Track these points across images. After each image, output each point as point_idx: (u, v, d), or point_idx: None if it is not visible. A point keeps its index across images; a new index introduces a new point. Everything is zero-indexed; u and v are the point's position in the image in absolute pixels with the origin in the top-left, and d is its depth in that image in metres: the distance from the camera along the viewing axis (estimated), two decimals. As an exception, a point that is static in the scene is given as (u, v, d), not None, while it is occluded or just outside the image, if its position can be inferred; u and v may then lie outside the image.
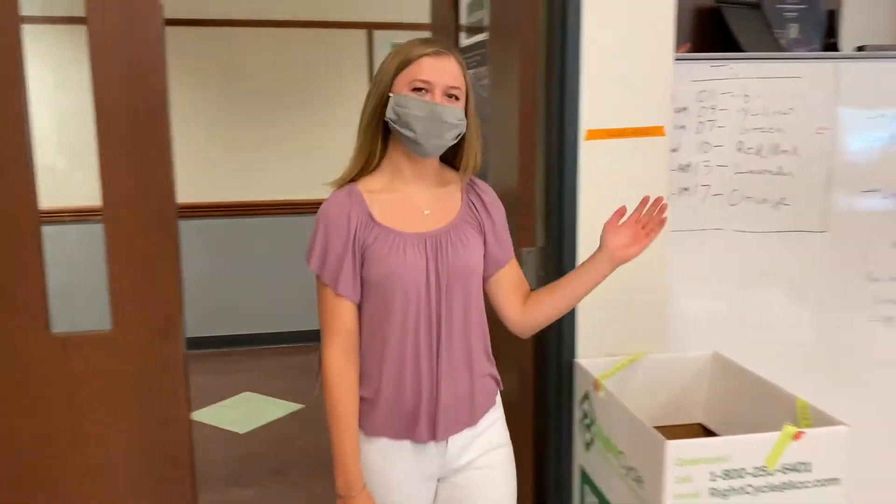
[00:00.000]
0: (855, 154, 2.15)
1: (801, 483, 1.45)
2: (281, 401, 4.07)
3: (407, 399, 1.42)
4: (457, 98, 1.40)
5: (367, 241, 1.40)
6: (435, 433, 1.42)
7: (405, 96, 1.38)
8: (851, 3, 2.85)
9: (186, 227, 2.06)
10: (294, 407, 3.98)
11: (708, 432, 1.88)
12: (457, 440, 1.47)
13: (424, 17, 3.44)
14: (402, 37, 5.03)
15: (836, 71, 2.11)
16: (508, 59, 1.94)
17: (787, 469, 1.44)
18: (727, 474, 1.41)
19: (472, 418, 1.48)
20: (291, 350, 4.99)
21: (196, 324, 3.94)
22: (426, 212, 1.45)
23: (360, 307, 1.43)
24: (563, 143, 1.77)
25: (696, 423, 1.93)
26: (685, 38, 2.50)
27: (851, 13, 2.86)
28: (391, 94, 1.40)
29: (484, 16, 2.18)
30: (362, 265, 1.40)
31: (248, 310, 5.05)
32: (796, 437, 1.43)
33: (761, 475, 1.43)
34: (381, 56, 5.01)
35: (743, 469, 1.42)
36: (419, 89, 1.38)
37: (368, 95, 1.44)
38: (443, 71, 1.38)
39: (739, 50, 2.39)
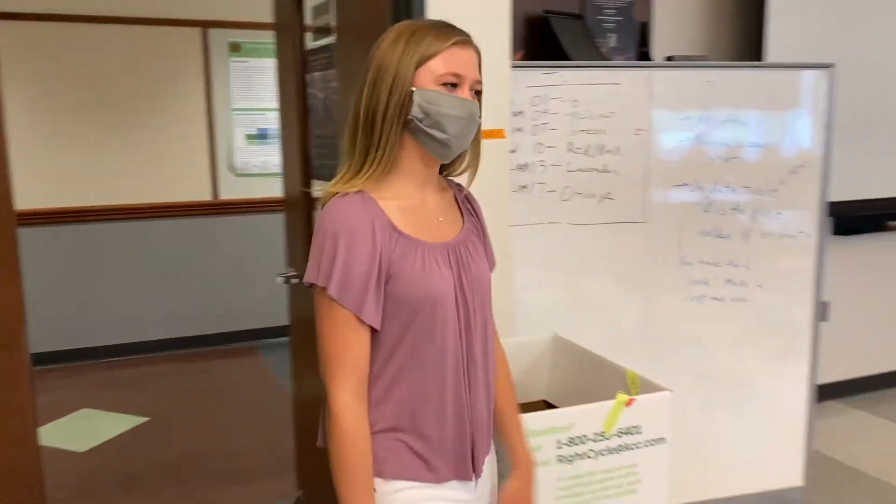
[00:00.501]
0: (667, 152, 2.42)
1: (633, 444, 1.63)
2: (122, 415, 3.89)
3: (454, 433, 1.25)
4: (478, 93, 1.26)
5: (394, 256, 1.19)
6: (475, 467, 1.29)
7: (436, 93, 1.20)
8: (661, 17, 3.18)
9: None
10: (137, 420, 3.82)
11: (551, 407, 2.05)
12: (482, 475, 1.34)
13: (263, 16, 3.42)
14: (240, 36, 4.99)
15: (650, 78, 2.36)
16: (357, 63, 2.01)
17: (621, 433, 1.62)
18: (572, 441, 1.57)
19: (489, 447, 1.36)
20: (127, 363, 4.76)
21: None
22: (440, 219, 1.29)
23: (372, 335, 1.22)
24: (412, 144, 1.86)
25: (539, 400, 2.09)
26: (518, 46, 2.69)
27: (661, 25, 3.19)
28: (413, 89, 1.19)
29: (330, 19, 2.23)
30: (386, 284, 1.19)
31: (77, 323, 4.76)
32: (628, 403, 1.61)
33: (600, 440, 1.60)
34: (218, 55, 4.92)
35: (584, 436, 1.58)
36: (449, 84, 1.21)
37: (379, 88, 1.20)
38: (470, 63, 1.23)
39: (566, 57, 2.61)
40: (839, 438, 3.44)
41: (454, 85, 1.21)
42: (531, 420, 1.54)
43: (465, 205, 1.37)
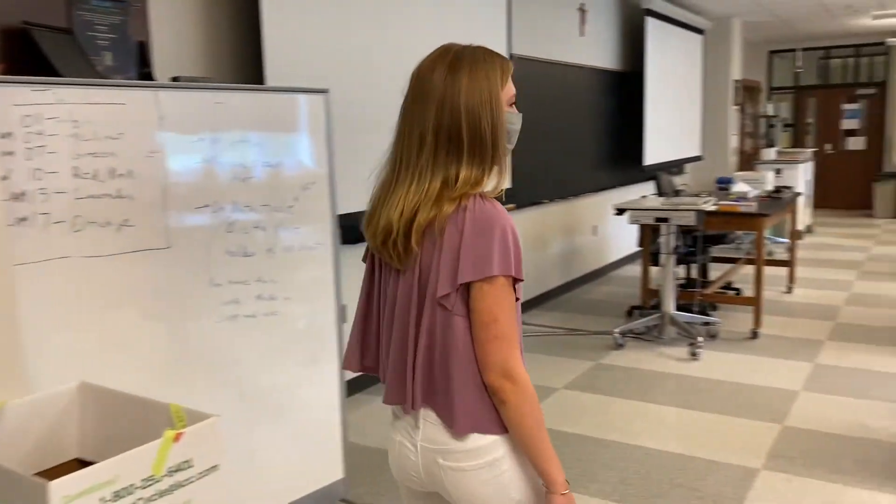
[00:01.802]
0: (184, 174, 2.37)
1: (186, 480, 1.55)
2: None
3: None
4: None
5: None
6: None
7: (514, 113, 1.45)
8: (159, 37, 3.10)
9: None
10: None
11: (87, 465, 1.83)
12: None
13: None
14: None
15: (157, 98, 2.28)
16: None
17: (172, 471, 1.52)
18: (117, 495, 1.42)
19: None
20: None
21: None
22: None
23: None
24: None
25: (72, 460, 1.85)
26: (-4, 58, 2.34)
27: (160, 46, 3.11)
28: (506, 110, 1.43)
29: None
30: None
31: None
32: (176, 439, 1.52)
33: (150, 485, 1.48)
34: None
35: (132, 485, 1.44)
36: (512, 104, 1.45)
37: (482, 109, 1.37)
38: None
39: (57, 74, 2.36)
40: (368, 427, 3.82)
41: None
42: (67, 484, 1.35)
43: None
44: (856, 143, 11.92)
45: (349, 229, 3.93)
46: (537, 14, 5.96)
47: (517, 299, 1.39)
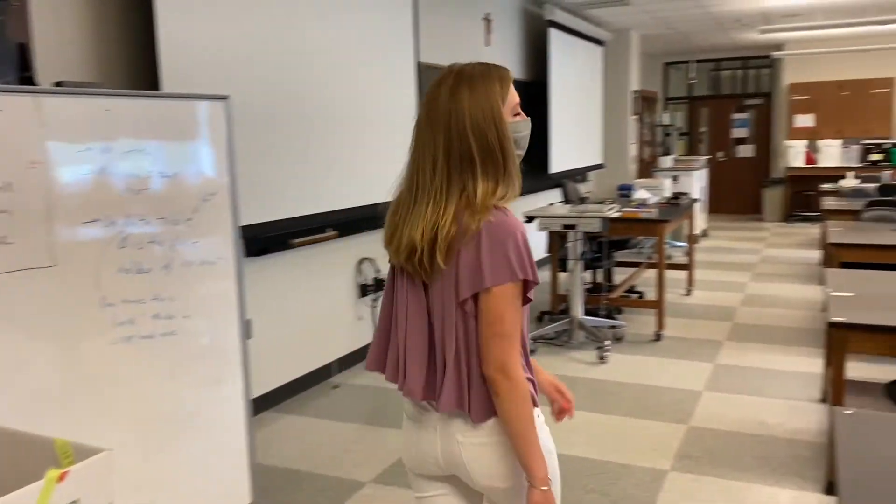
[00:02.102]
0: (71, 186, 2.20)
1: (74, 523, 1.42)
2: None
3: None
4: None
5: None
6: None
7: (519, 122, 1.55)
8: (41, 39, 2.89)
9: None
10: None
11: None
12: None
13: None
14: None
15: (38, 105, 2.11)
16: None
17: (57, 514, 1.39)
18: (-7, 546, 1.28)
19: None
20: None
21: None
22: None
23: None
24: None
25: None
26: None
27: (43, 48, 2.90)
28: (509, 122, 1.51)
29: None
30: None
31: None
32: (61, 478, 1.39)
33: (31, 531, 1.34)
34: None
35: (10, 533, 1.30)
36: (517, 113, 1.54)
37: (487, 125, 1.48)
38: None
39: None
40: (276, 446, 3.68)
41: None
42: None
43: None
44: (745, 151, 12.54)
45: (253, 241, 3.80)
46: (443, 23, 5.95)
47: (529, 300, 1.50)
